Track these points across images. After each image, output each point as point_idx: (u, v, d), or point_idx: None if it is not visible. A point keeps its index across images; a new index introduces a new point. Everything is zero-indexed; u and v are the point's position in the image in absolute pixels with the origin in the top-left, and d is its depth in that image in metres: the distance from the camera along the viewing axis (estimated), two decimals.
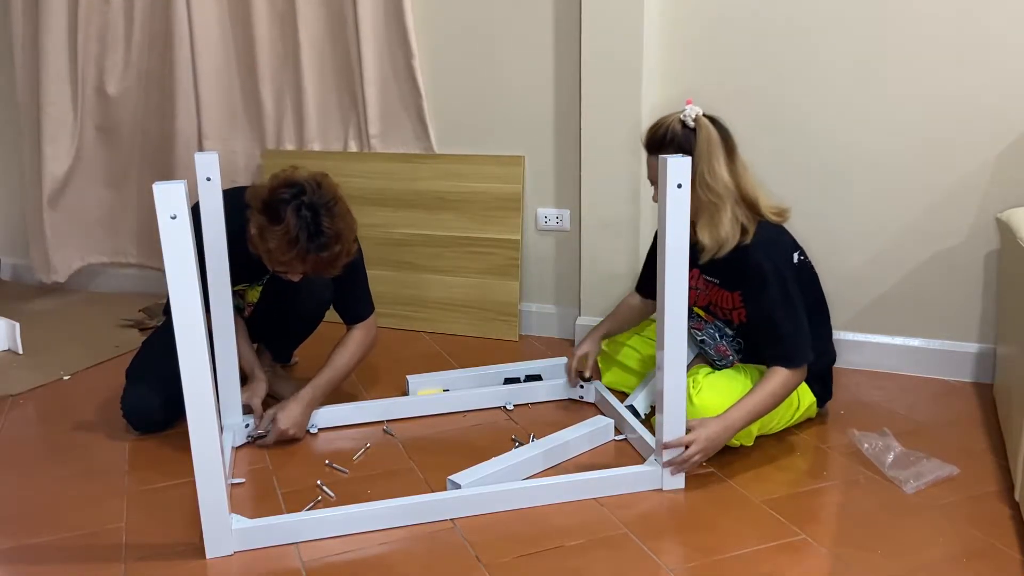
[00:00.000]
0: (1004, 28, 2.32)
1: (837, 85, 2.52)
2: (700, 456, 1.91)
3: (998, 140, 2.39)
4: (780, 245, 2.08)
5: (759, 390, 1.99)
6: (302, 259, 2.00)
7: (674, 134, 2.00)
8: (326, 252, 2.00)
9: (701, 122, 1.99)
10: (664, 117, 2.05)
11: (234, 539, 1.73)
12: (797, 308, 2.02)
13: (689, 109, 2.00)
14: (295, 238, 1.96)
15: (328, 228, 1.98)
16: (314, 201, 1.98)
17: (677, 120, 2.01)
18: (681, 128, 2.00)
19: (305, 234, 1.96)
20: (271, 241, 1.98)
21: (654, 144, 2.04)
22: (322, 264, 2.03)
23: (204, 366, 1.61)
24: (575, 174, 2.90)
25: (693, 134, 1.98)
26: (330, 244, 2.00)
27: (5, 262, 4.07)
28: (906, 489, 1.91)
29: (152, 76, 3.39)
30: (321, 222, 1.98)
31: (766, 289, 2.01)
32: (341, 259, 2.06)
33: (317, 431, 2.29)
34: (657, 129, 2.03)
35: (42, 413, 2.50)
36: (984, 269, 2.47)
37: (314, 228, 1.97)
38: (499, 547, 1.73)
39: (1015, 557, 1.65)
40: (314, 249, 1.98)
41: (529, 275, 3.08)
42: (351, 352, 2.33)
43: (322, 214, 1.98)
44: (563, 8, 2.81)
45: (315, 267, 2.04)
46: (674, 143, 1.99)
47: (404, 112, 3.11)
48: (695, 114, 2.00)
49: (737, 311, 2.14)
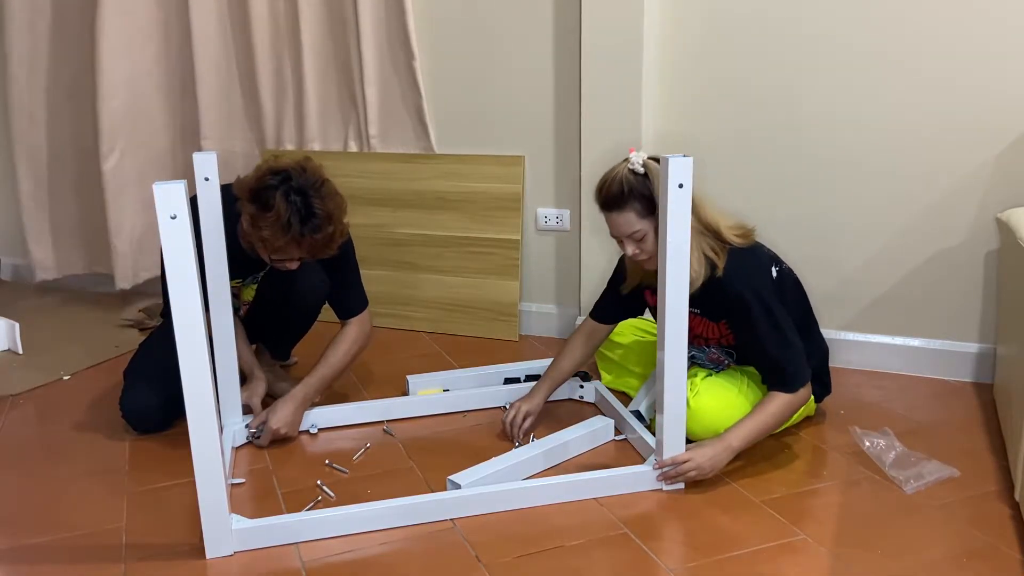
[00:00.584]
0: (1004, 28, 2.32)
1: (837, 85, 2.52)
2: (695, 472, 1.91)
3: (998, 140, 2.39)
4: (754, 267, 2.03)
5: (761, 411, 1.98)
6: (297, 243, 2.02)
7: (631, 185, 1.92)
8: (320, 233, 2.02)
9: (650, 166, 1.92)
10: (609, 173, 1.97)
11: (234, 539, 1.73)
12: (786, 332, 1.99)
13: (634, 157, 1.94)
14: (287, 223, 1.98)
15: (319, 209, 2.00)
16: (302, 185, 2.00)
17: (626, 171, 1.94)
18: (634, 177, 1.93)
19: (297, 218, 1.98)
20: (264, 229, 2.00)
21: (612, 201, 1.95)
22: (318, 245, 2.05)
23: (204, 366, 1.61)
24: (575, 174, 2.90)
25: (647, 179, 1.93)
26: (323, 225, 2.01)
27: (5, 262, 4.07)
28: (906, 489, 1.91)
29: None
30: (312, 204, 1.99)
31: (751, 320, 1.98)
32: (336, 239, 2.08)
33: (317, 431, 2.30)
34: (611, 185, 1.95)
35: (42, 413, 2.50)
36: (984, 269, 2.47)
37: (305, 211, 1.99)
38: (499, 547, 1.73)
39: (1015, 557, 1.65)
40: (308, 231, 2.00)
41: (529, 275, 3.08)
42: (345, 349, 2.33)
43: (311, 196, 2.00)
44: (563, 8, 2.81)
45: (311, 249, 2.06)
46: (634, 193, 1.92)
47: (404, 112, 3.11)
48: (642, 160, 1.94)
49: (725, 337, 2.13)
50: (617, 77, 2.69)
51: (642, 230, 1.95)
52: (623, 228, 1.96)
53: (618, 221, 1.97)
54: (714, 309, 2.07)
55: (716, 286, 1.97)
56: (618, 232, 1.99)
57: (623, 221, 1.95)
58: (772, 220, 2.66)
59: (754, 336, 2.00)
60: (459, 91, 3.04)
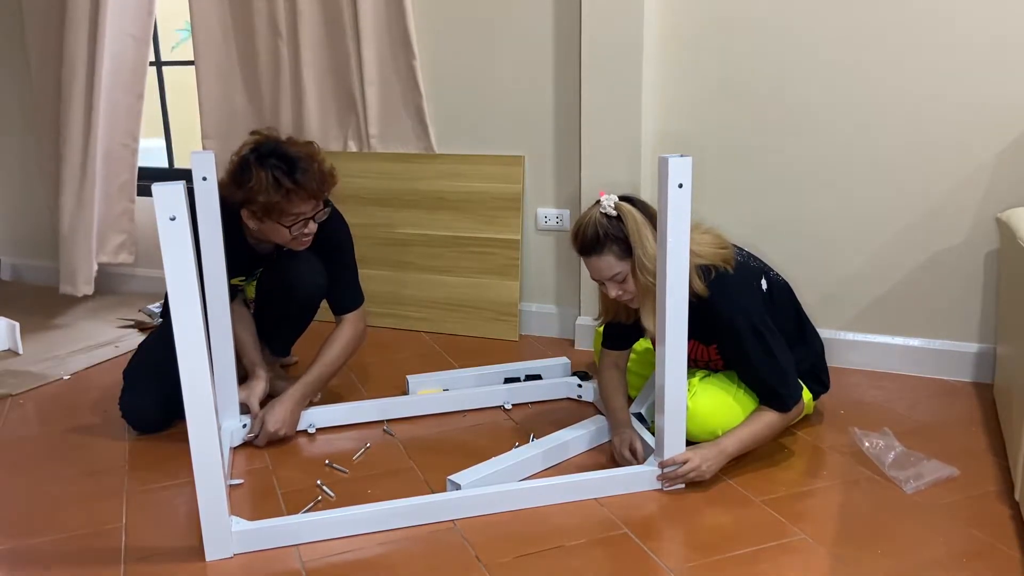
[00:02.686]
0: (1004, 28, 2.32)
1: (837, 85, 2.52)
2: (694, 474, 1.91)
3: (998, 140, 2.39)
4: (741, 286, 2.01)
5: (757, 421, 2.00)
6: (296, 194, 2.09)
7: (605, 229, 1.91)
8: (309, 173, 2.10)
9: (622, 208, 1.92)
10: (582, 218, 1.96)
11: (234, 542, 1.73)
12: (777, 357, 1.99)
13: (605, 200, 1.93)
14: (275, 180, 2.07)
15: (295, 153, 2.10)
16: (268, 147, 2.11)
17: (599, 215, 1.92)
18: (608, 220, 1.91)
19: (281, 171, 2.07)
20: (259, 195, 2.07)
21: (589, 246, 1.93)
22: (316, 184, 2.12)
23: (203, 367, 1.61)
24: (575, 174, 2.90)
25: (620, 222, 1.91)
26: (308, 165, 2.10)
27: (5, 262, 4.07)
28: (906, 489, 1.91)
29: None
30: (286, 152, 2.10)
31: (742, 347, 1.98)
32: (330, 173, 2.18)
33: (315, 431, 2.29)
34: (585, 230, 1.93)
35: (42, 413, 2.50)
36: (984, 269, 2.47)
37: (285, 163, 2.08)
38: (499, 547, 1.73)
39: (1015, 557, 1.65)
40: (300, 176, 2.08)
41: (529, 275, 3.07)
42: (340, 347, 2.33)
43: (282, 148, 2.11)
44: (563, 8, 2.81)
45: (314, 192, 2.13)
46: (609, 236, 1.91)
47: (404, 112, 3.10)
48: (613, 203, 1.92)
49: (714, 362, 2.13)
50: (617, 77, 2.69)
51: (622, 272, 1.93)
52: (604, 272, 1.95)
53: (598, 265, 1.95)
54: (705, 333, 2.06)
55: (706, 310, 1.96)
56: (599, 276, 1.97)
57: (604, 265, 1.94)
58: (772, 220, 2.67)
59: (747, 363, 2.01)
60: (459, 91, 3.04)
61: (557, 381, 2.51)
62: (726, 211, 2.69)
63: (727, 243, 2.05)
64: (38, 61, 3.55)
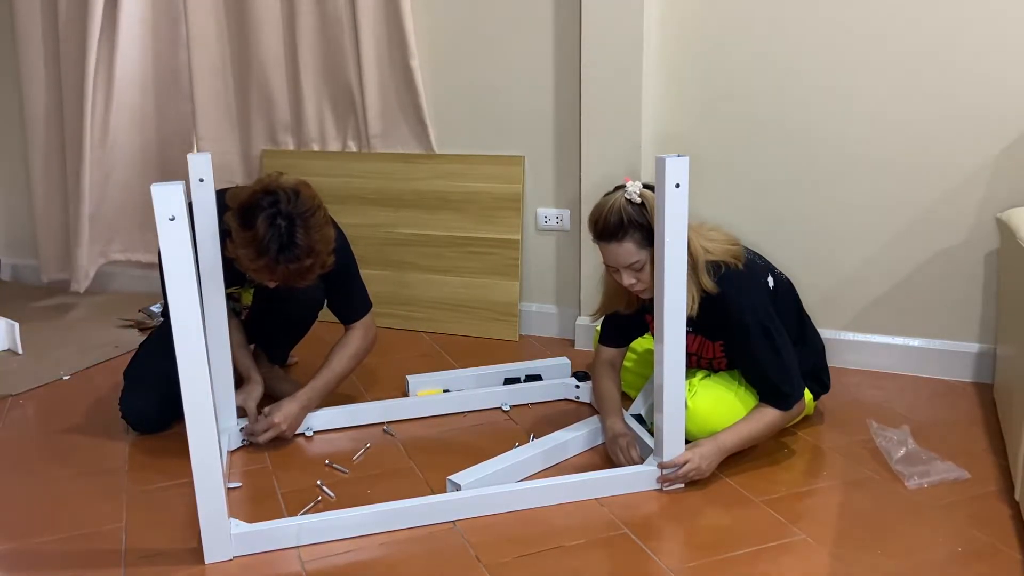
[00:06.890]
0: (1003, 28, 2.32)
1: (837, 85, 2.52)
2: (694, 473, 1.91)
3: (998, 140, 2.39)
4: (751, 284, 2.01)
5: (756, 419, 2.00)
6: (271, 269, 1.96)
7: (629, 215, 1.89)
8: (296, 264, 1.95)
9: (647, 195, 1.89)
10: (603, 203, 1.94)
11: (233, 544, 1.73)
12: (783, 355, 1.99)
13: (631, 186, 1.92)
14: (265, 247, 1.92)
15: (301, 240, 1.94)
16: (290, 211, 1.94)
17: (623, 200, 1.90)
18: (632, 207, 1.89)
19: (276, 245, 1.92)
20: (241, 247, 1.96)
21: (611, 231, 1.91)
22: (292, 275, 1.99)
23: (203, 368, 1.60)
24: (575, 174, 2.90)
25: (644, 209, 1.90)
26: (301, 257, 1.95)
27: (5, 262, 4.07)
28: (908, 484, 1.91)
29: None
30: (295, 233, 1.93)
31: (750, 344, 1.98)
32: (314, 271, 2.01)
33: (312, 434, 2.29)
34: (608, 215, 1.91)
35: (42, 413, 2.50)
36: (984, 269, 2.47)
37: (287, 239, 1.93)
38: (499, 548, 1.73)
39: (1015, 557, 1.65)
40: (284, 260, 1.94)
41: (529, 275, 3.07)
42: (349, 353, 2.33)
43: (297, 225, 1.94)
44: (563, 8, 2.81)
45: (285, 278, 2.00)
46: (632, 223, 1.89)
47: (403, 112, 3.10)
48: (639, 190, 1.90)
49: (717, 359, 2.13)
50: (617, 77, 2.68)
51: (641, 260, 1.92)
52: (622, 259, 1.93)
53: (617, 252, 1.93)
54: (713, 329, 2.06)
55: (715, 306, 1.96)
56: (616, 262, 1.95)
57: (622, 252, 1.92)
58: (772, 220, 2.67)
59: (753, 360, 2.01)
60: (459, 91, 3.03)
61: (557, 381, 2.51)
62: (726, 211, 2.69)
63: (737, 240, 2.05)
64: (36, 60, 3.54)
